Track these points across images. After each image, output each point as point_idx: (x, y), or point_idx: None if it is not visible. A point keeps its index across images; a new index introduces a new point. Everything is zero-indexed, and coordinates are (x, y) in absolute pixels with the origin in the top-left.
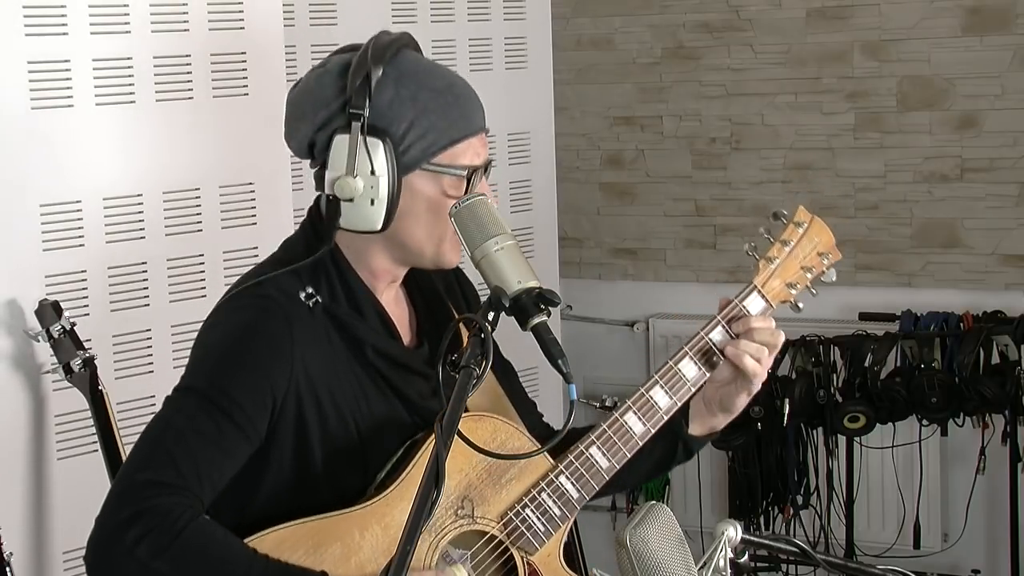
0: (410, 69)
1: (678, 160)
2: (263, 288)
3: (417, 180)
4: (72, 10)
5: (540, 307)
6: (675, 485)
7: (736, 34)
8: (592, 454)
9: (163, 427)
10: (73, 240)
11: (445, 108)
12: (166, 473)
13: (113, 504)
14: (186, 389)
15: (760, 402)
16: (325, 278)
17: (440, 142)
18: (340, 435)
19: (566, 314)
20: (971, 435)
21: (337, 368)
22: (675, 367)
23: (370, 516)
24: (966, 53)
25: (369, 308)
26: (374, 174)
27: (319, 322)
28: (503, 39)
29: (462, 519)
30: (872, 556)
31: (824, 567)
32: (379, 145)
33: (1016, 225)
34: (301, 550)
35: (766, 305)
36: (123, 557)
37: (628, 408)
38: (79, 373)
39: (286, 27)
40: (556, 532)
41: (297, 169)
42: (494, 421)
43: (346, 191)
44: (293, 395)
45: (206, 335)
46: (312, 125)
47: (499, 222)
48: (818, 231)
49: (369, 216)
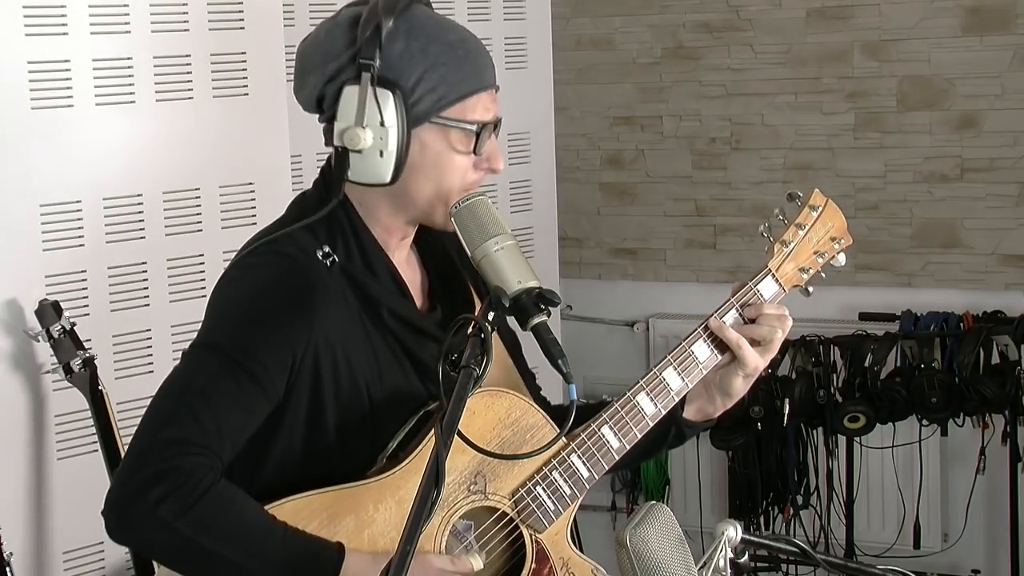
0: (421, 22)
1: (678, 160)
2: (282, 245)
3: (426, 133)
4: (72, 10)
5: (540, 307)
6: (675, 485)
7: (736, 34)
8: (604, 433)
9: (184, 384)
10: (73, 240)
11: (456, 62)
12: (189, 431)
13: (136, 462)
14: (207, 346)
15: (760, 402)
16: (341, 237)
17: (450, 95)
18: (352, 399)
19: (566, 314)
20: (971, 435)
21: (353, 330)
22: (688, 348)
23: (384, 489)
24: (966, 53)
25: (382, 268)
26: (383, 125)
27: (336, 281)
28: (503, 39)
29: (474, 495)
30: (872, 556)
31: (824, 567)
32: (389, 96)
33: (1016, 225)
34: (315, 521)
35: (779, 289)
36: (145, 516)
37: (640, 388)
38: (79, 373)
39: (286, 27)
40: (565, 511)
41: (297, 169)
42: (510, 397)
43: (355, 142)
44: (311, 354)
45: (225, 290)
46: (322, 77)
47: (499, 222)
48: (832, 215)
49: (378, 168)
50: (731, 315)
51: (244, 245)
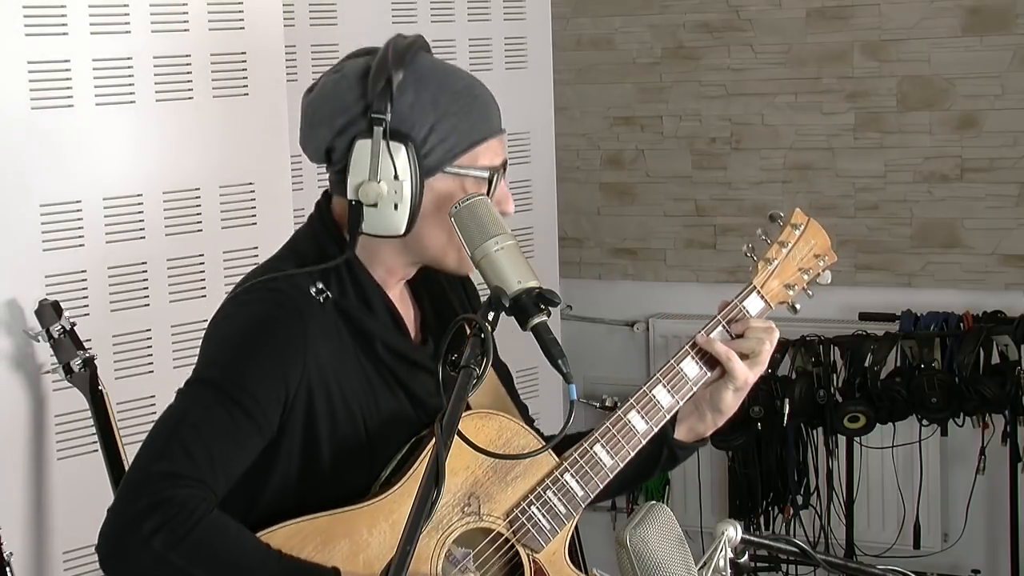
0: (428, 72)
1: (678, 160)
2: (275, 283)
3: (439, 183)
4: (72, 10)
5: (540, 307)
6: (675, 485)
7: (736, 34)
8: (596, 452)
9: (178, 419)
10: (73, 240)
11: (465, 110)
12: (182, 465)
13: (129, 494)
14: (200, 381)
15: (760, 402)
16: (335, 274)
17: (462, 144)
18: (348, 430)
19: (566, 314)
20: (971, 435)
21: (346, 363)
22: (677, 366)
23: (377, 513)
24: (966, 53)
25: (379, 304)
26: (397, 178)
27: (329, 317)
28: (503, 39)
29: (468, 516)
30: (872, 556)
31: (824, 567)
32: (401, 149)
33: (1016, 225)
34: (310, 546)
35: (765, 306)
36: (139, 547)
37: (631, 407)
38: (79, 373)
39: (286, 27)
40: (561, 530)
41: (297, 169)
42: (500, 419)
43: (370, 196)
44: (305, 389)
45: (219, 328)
46: (331, 130)
47: (499, 222)
48: (814, 233)
49: (392, 221)
50: (718, 331)
51: (239, 282)
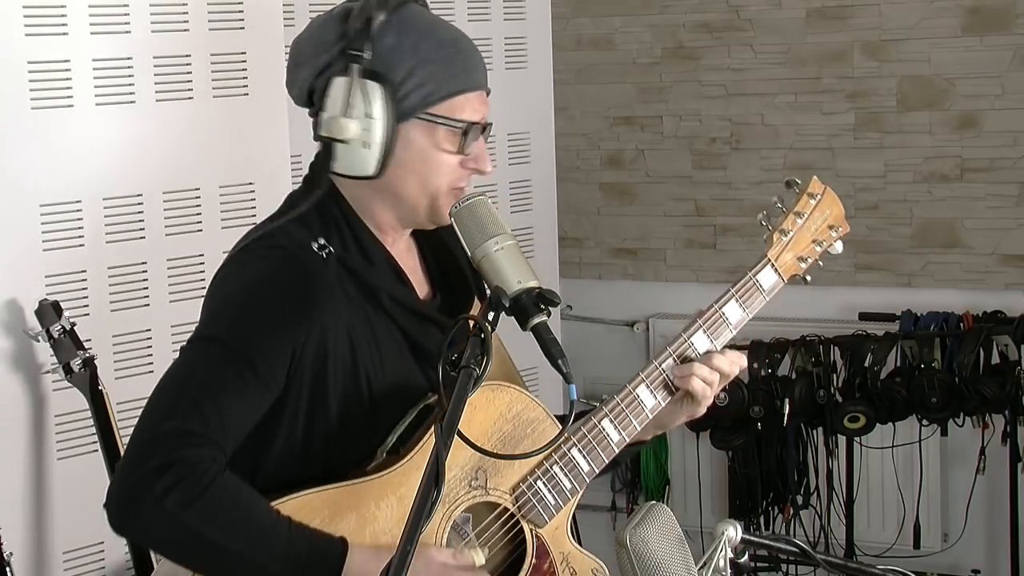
0: (415, 20)
1: (678, 160)
2: (276, 239)
3: (413, 129)
4: (72, 10)
5: (540, 307)
6: (675, 485)
7: (736, 34)
8: (604, 427)
9: (185, 376)
10: (73, 240)
11: (447, 60)
12: (193, 422)
13: (140, 453)
14: (207, 339)
15: (760, 402)
16: (336, 229)
17: (439, 92)
18: (353, 391)
19: (566, 314)
20: (971, 435)
21: (352, 319)
22: (688, 340)
23: (386, 486)
24: (966, 53)
25: (379, 257)
26: (369, 117)
27: (333, 273)
28: (503, 39)
29: (475, 490)
30: (872, 556)
31: (824, 567)
32: (376, 89)
33: (1016, 225)
34: (317, 519)
35: (778, 279)
36: (151, 507)
37: (641, 381)
38: (79, 373)
39: (286, 27)
40: (566, 505)
41: (297, 169)
42: (511, 391)
43: (339, 132)
44: (311, 345)
45: (222, 285)
46: (312, 70)
47: (499, 222)
48: (830, 203)
49: (362, 160)
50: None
51: (238, 242)
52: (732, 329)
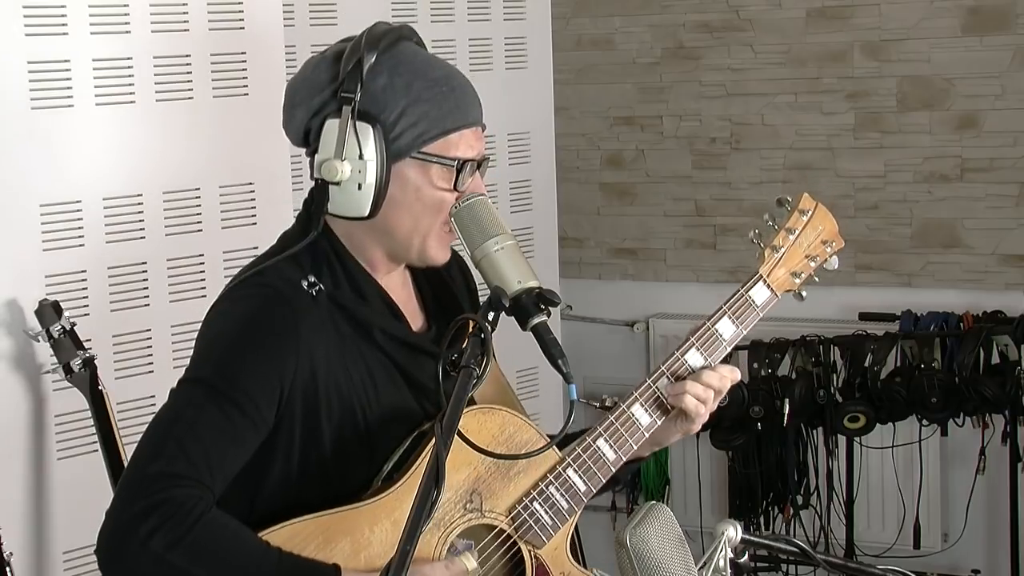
0: (407, 59)
1: (678, 160)
2: (265, 278)
3: (407, 169)
4: (72, 10)
5: (540, 307)
6: (675, 485)
7: (736, 34)
8: (599, 446)
9: (172, 418)
10: (73, 240)
11: (439, 98)
12: (178, 465)
13: (125, 496)
14: (193, 380)
15: (760, 402)
16: (327, 266)
17: (432, 131)
18: (348, 424)
19: (566, 314)
20: (971, 435)
21: (345, 356)
22: (681, 358)
23: (379, 511)
24: (966, 53)
25: (372, 292)
26: (362, 158)
27: (323, 310)
28: (503, 39)
29: (471, 513)
30: (872, 556)
31: (824, 567)
32: (369, 130)
33: (1016, 225)
34: (311, 546)
35: (771, 295)
36: (137, 549)
37: (635, 400)
38: (79, 373)
39: (286, 27)
40: (563, 525)
41: (297, 169)
42: (503, 414)
43: (333, 174)
44: (300, 384)
45: (210, 326)
46: (307, 111)
47: (499, 222)
48: (822, 218)
49: (356, 202)
50: (725, 321)
51: (231, 280)
52: (727, 345)
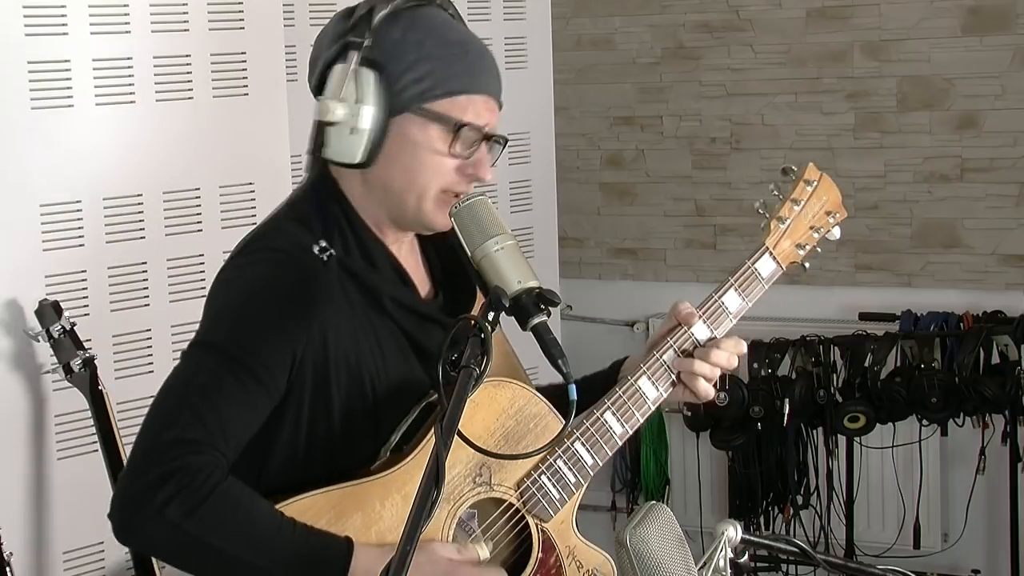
0: (427, 18)
1: (678, 160)
2: (275, 241)
3: (407, 124)
4: (72, 10)
5: (540, 307)
6: (675, 485)
7: (736, 34)
8: (607, 420)
9: (185, 383)
10: (73, 240)
11: (451, 59)
12: (193, 431)
13: (140, 463)
14: (206, 345)
15: (760, 402)
16: (338, 231)
17: (436, 89)
18: (356, 392)
19: (566, 314)
20: (971, 435)
21: (354, 323)
22: (688, 330)
23: (390, 485)
24: (966, 53)
25: (382, 259)
26: (358, 103)
27: (334, 276)
28: (503, 39)
29: (480, 486)
30: (872, 556)
31: (824, 567)
32: (371, 76)
33: (1016, 225)
34: (323, 520)
35: (776, 267)
36: (153, 517)
37: (642, 373)
38: (79, 373)
39: (286, 27)
40: (570, 499)
41: (297, 169)
42: (513, 387)
43: (326, 114)
44: (312, 350)
45: (221, 289)
46: (324, 62)
47: (499, 222)
48: (826, 189)
49: (348, 146)
50: (731, 294)
51: (239, 243)
52: (732, 318)
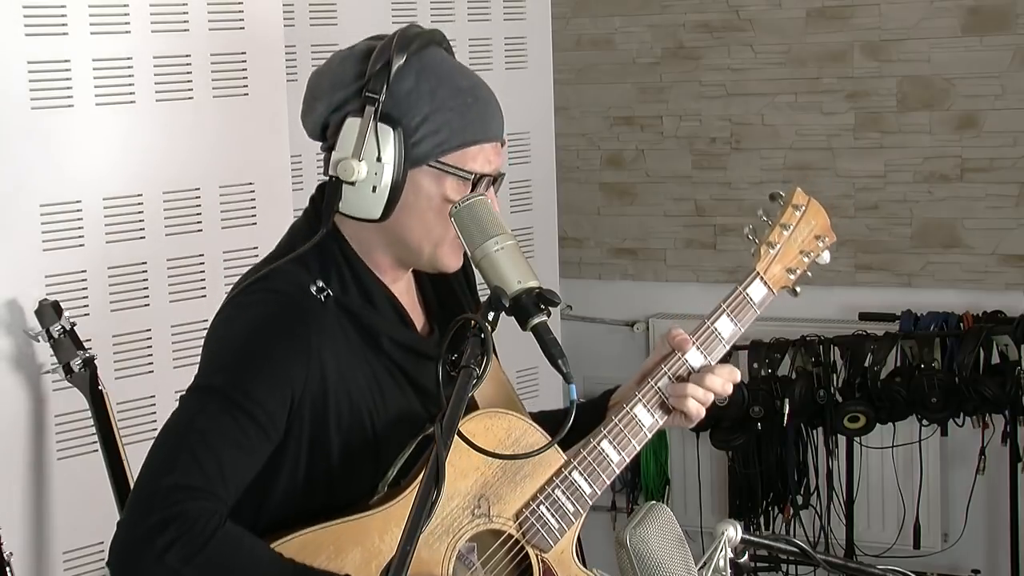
0: (435, 65)
1: (678, 160)
2: (273, 282)
3: (422, 176)
4: (72, 10)
5: (540, 307)
6: (675, 485)
7: (736, 34)
8: (603, 448)
9: (184, 428)
10: (73, 240)
11: (463, 109)
12: (193, 477)
13: (140, 509)
14: (204, 388)
15: (760, 402)
16: (336, 271)
17: (452, 141)
18: (356, 430)
19: (566, 314)
20: (971, 435)
21: (352, 362)
22: (682, 357)
23: (389, 519)
24: (966, 53)
25: (381, 298)
26: (380, 161)
27: (332, 316)
28: (503, 39)
29: (478, 518)
30: (872, 556)
31: (824, 567)
32: (390, 133)
33: (1016, 225)
34: (323, 555)
35: (768, 292)
36: (153, 562)
37: (637, 401)
38: (79, 373)
39: (286, 27)
40: (569, 529)
41: (297, 169)
42: (508, 418)
43: (349, 174)
44: (310, 390)
45: (219, 331)
46: (328, 105)
47: (499, 222)
48: (815, 213)
49: (369, 204)
50: (724, 321)
51: (237, 283)
52: (725, 344)
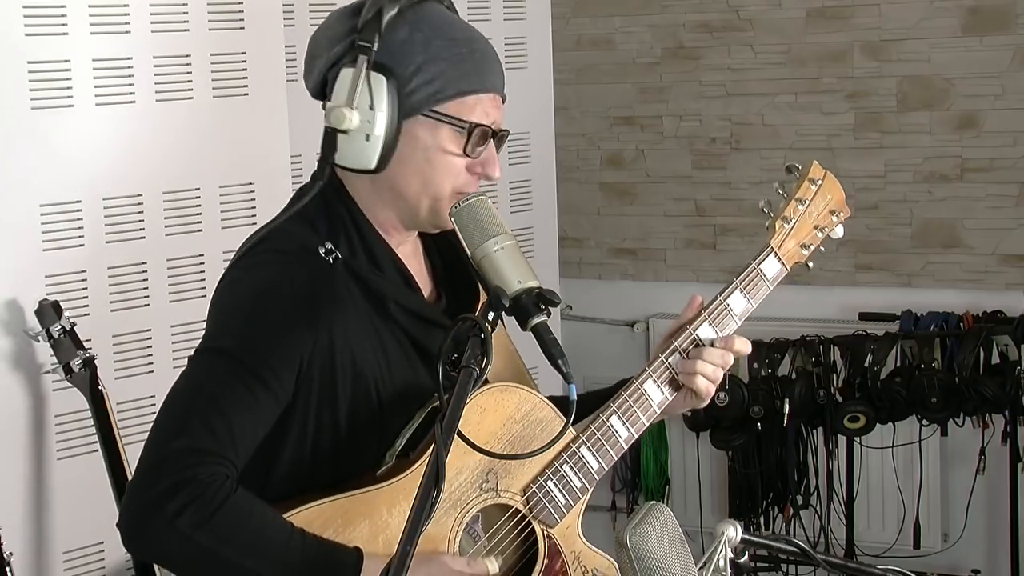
0: (431, 16)
1: (678, 160)
2: (281, 243)
3: (417, 126)
4: (72, 10)
5: (540, 307)
6: (675, 485)
7: (736, 34)
8: (612, 423)
9: (194, 390)
10: (73, 240)
11: (458, 59)
12: (203, 440)
13: (151, 473)
14: (212, 351)
15: (760, 402)
16: (343, 232)
17: (447, 91)
18: (362, 399)
19: (566, 314)
20: (971, 435)
21: (359, 327)
22: (694, 334)
23: (397, 493)
24: (966, 53)
25: (388, 262)
26: (372, 109)
27: (340, 278)
28: (503, 39)
29: (486, 492)
30: (872, 556)
31: (824, 567)
32: (382, 81)
33: (1016, 225)
34: (330, 528)
35: (781, 267)
36: (164, 528)
37: (648, 376)
38: (79, 373)
39: (286, 27)
40: (576, 504)
41: (297, 169)
42: (520, 392)
43: (341, 122)
44: (319, 355)
45: (227, 293)
46: (326, 61)
47: (499, 222)
48: (831, 187)
49: (363, 153)
50: (737, 296)
51: (243, 243)
52: (737, 319)
